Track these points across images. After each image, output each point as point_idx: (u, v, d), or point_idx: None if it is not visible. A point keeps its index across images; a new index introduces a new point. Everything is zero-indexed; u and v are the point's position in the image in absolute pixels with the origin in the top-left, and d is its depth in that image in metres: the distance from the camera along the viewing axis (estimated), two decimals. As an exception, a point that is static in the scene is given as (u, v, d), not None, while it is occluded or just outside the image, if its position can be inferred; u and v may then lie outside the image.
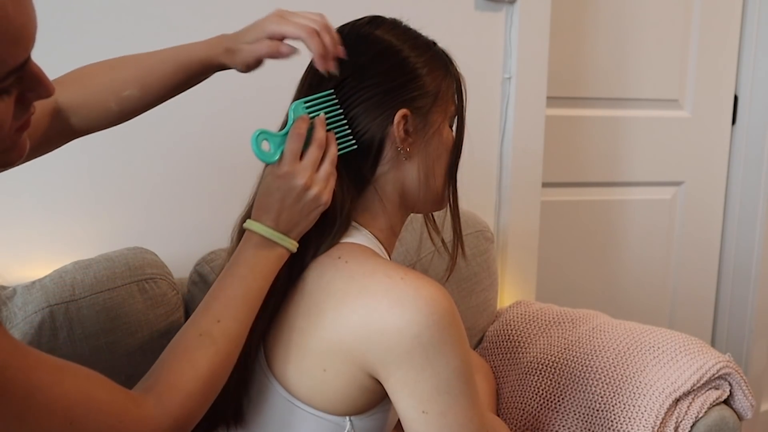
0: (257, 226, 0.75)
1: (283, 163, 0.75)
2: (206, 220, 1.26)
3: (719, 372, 1.14)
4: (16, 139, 0.60)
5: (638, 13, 1.76)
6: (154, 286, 1.07)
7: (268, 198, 0.75)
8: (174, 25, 1.22)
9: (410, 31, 0.84)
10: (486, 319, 1.43)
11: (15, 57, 0.53)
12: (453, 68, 0.86)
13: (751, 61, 1.88)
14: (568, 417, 1.18)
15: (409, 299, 0.69)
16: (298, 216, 0.75)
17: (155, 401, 0.66)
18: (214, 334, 0.71)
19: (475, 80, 1.51)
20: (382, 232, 0.84)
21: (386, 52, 0.80)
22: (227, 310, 0.72)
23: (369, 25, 0.83)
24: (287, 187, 0.74)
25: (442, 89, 0.83)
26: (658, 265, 1.93)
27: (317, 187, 0.75)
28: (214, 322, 0.71)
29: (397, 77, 0.80)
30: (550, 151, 1.67)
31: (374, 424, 0.78)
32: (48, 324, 0.98)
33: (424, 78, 0.81)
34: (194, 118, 1.25)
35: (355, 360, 0.72)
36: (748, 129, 1.91)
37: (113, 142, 1.21)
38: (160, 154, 1.25)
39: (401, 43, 0.81)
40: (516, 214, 1.59)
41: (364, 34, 0.82)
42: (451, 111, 0.85)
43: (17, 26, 0.52)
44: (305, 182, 0.74)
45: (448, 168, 0.85)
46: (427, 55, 0.82)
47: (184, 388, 0.67)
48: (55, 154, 1.17)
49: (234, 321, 0.72)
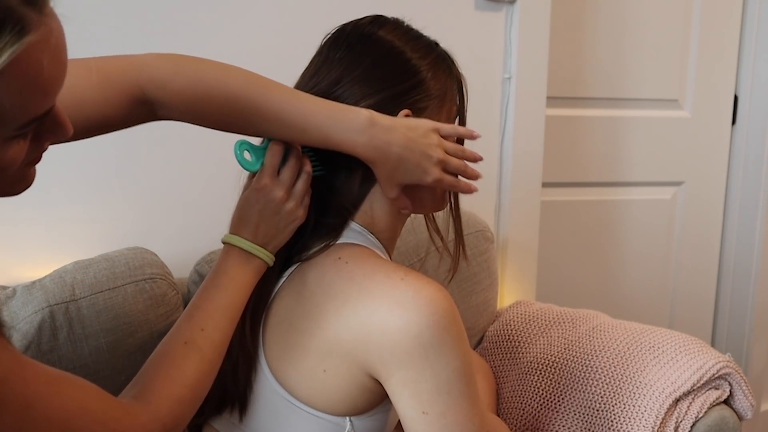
0: (236, 240, 0.78)
1: (262, 175, 0.78)
2: (206, 220, 1.26)
3: (719, 372, 1.14)
4: (26, 172, 0.60)
5: (638, 13, 1.76)
6: (154, 286, 1.07)
7: (247, 210, 0.78)
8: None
9: (412, 31, 0.84)
10: (486, 319, 1.43)
11: (41, 107, 0.52)
12: (455, 69, 0.86)
13: (751, 61, 1.87)
14: (568, 417, 1.18)
15: (410, 300, 0.69)
16: (274, 229, 0.78)
17: (145, 408, 0.67)
18: (198, 342, 0.72)
19: (475, 80, 1.51)
20: (382, 233, 0.84)
21: (389, 54, 0.80)
22: (210, 320, 0.74)
23: (371, 24, 0.83)
24: (266, 200, 0.77)
25: (444, 90, 0.83)
26: (658, 265, 1.93)
27: (293, 201, 0.78)
28: (198, 330, 0.73)
29: (400, 79, 0.80)
30: (550, 151, 1.67)
31: (374, 425, 0.78)
32: (48, 324, 0.98)
33: (427, 80, 0.81)
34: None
35: (356, 360, 0.72)
36: (748, 129, 1.91)
37: (113, 142, 1.21)
38: (160, 154, 1.25)
39: (404, 44, 0.81)
40: (516, 214, 1.59)
41: (367, 34, 0.81)
42: (453, 111, 0.85)
43: (49, 78, 0.51)
44: (282, 195, 0.77)
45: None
46: (429, 56, 0.82)
47: (172, 394, 0.69)
48: (55, 154, 1.18)
49: (216, 330, 0.74)
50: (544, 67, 1.56)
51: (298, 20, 1.28)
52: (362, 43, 0.81)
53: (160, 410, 0.68)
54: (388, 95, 0.79)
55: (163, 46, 0.86)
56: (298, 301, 0.77)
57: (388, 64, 0.80)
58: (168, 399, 0.69)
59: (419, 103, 0.80)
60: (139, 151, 1.23)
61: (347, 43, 0.81)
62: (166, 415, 0.68)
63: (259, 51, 1.28)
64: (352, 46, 0.80)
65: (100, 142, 1.15)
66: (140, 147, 1.23)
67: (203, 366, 0.72)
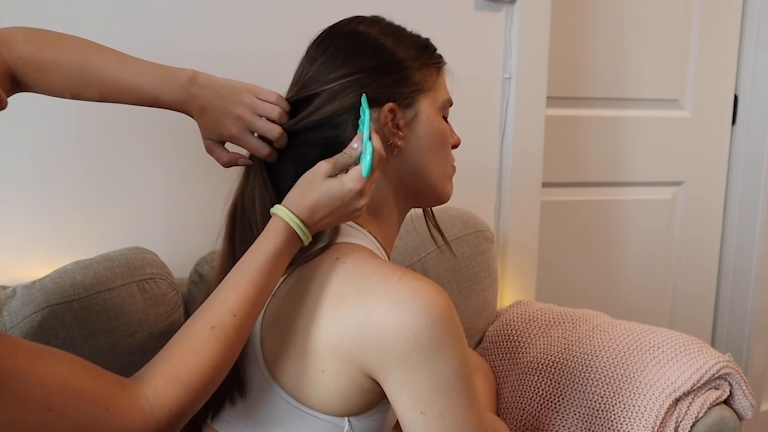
0: (298, 225, 0.74)
1: (357, 178, 0.74)
2: (206, 220, 1.26)
3: (719, 372, 1.14)
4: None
5: (638, 13, 1.76)
6: (154, 286, 1.07)
7: (329, 202, 0.74)
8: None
9: (392, 25, 0.85)
10: (486, 319, 1.43)
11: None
12: (437, 57, 0.86)
13: (751, 61, 1.88)
14: (568, 417, 1.18)
15: (408, 300, 0.69)
16: (335, 220, 0.76)
17: (151, 391, 0.64)
18: (227, 328, 0.69)
19: (475, 80, 1.52)
20: (380, 232, 0.84)
21: (368, 46, 0.81)
22: (245, 306, 0.70)
23: (350, 23, 0.84)
24: (349, 198, 0.74)
25: (427, 78, 0.83)
26: (658, 265, 1.93)
27: (365, 199, 0.75)
28: (230, 316, 0.69)
29: (382, 70, 0.80)
30: (550, 151, 1.67)
31: (373, 425, 0.78)
32: (48, 324, 0.98)
33: (409, 69, 0.81)
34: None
35: (354, 361, 0.72)
36: (748, 129, 1.91)
37: (113, 142, 1.21)
38: (160, 153, 1.25)
39: (384, 36, 0.82)
40: (516, 214, 1.59)
41: (345, 32, 0.83)
42: (441, 100, 0.85)
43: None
44: (362, 188, 0.74)
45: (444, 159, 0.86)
46: (411, 46, 0.83)
47: (184, 380, 0.66)
48: (55, 154, 1.18)
49: (249, 317, 0.71)
50: (544, 67, 1.56)
51: (299, 20, 1.28)
52: (342, 38, 0.82)
53: (168, 395, 0.65)
54: (368, 85, 0.79)
55: (162, 47, 0.86)
56: (296, 302, 0.77)
57: (367, 55, 0.80)
58: (179, 385, 0.65)
59: (402, 93, 0.81)
60: (139, 151, 1.24)
61: (329, 40, 0.82)
62: (174, 402, 0.65)
63: (259, 51, 1.28)
64: (333, 41, 0.82)
65: (100, 143, 1.16)
66: (140, 147, 1.23)
67: (226, 353, 0.69)
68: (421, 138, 0.83)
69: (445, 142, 0.86)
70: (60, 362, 0.61)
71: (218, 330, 0.69)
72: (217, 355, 0.68)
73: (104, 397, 0.62)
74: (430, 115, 0.83)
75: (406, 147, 0.82)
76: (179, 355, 0.67)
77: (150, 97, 0.83)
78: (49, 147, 1.17)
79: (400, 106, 0.80)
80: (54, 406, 0.58)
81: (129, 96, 0.83)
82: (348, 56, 0.80)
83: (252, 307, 0.71)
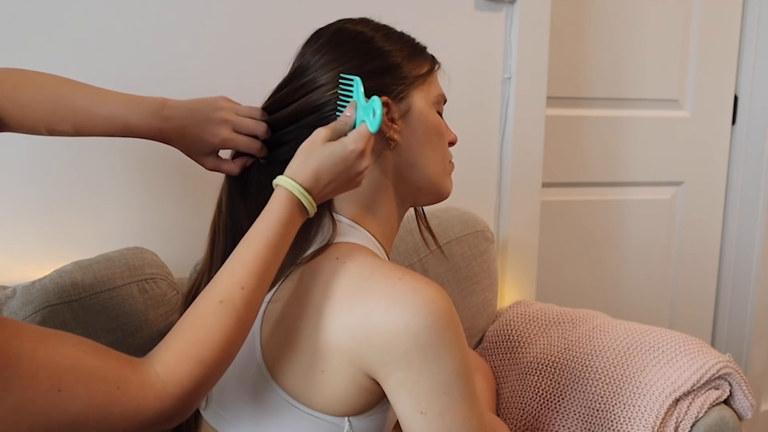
0: (301, 193, 0.73)
1: (358, 138, 0.74)
2: (206, 220, 1.26)
3: (719, 372, 1.14)
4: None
5: (638, 13, 1.76)
6: (154, 286, 1.08)
7: (332, 166, 0.73)
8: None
9: (382, 24, 0.86)
10: (486, 319, 1.43)
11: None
12: (428, 53, 0.87)
13: (751, 61, 1.88)
14: (568, 417, 1.18)
15: (407, 300, 0.69)
16: (339, 187, 0.76)
17: (162, 368, 0.64)
18: (236, 301, 0.68)
19: (475, 80, 1.52)
20: (379, 231, 0.84)
21: (357, 41, 0.82)
22: (252, 278, 0.69)
23: (339, 22, 0.85)
24: (352, 160, 0.74)
25: (419, 72, 0.83)
26: (658, 265, 1.93)
27: (367, 161, 0.76)
28: (238, 289, 0.69)
29: (372, 64, 0.80)
30: (550, 151, 1.67)
31: (373, 425, 0.78)
32: (48, 324, 0.98)
33: (399, 63, 0.82)
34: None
35: (354, 361, 0.72)
36: (748, 129, 1.91)
37: (113, 142, 1.21)
38: (160, 153, 1.25)
39: (374, 32, 0.83)
40: (516, 214, 1.59)
41: (334, 29, 0.84)
42: (434, 95, 0.85)
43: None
44: (363, 148, 0.75)
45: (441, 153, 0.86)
46: (400, 40, 0.84)
47: (195, 355, 0.65)
48: (55, 154, 1.18)
49: (258, 290, 0.70)
50: (544, 67, 1.56)
51: (297, 21, 1.28)
52: (331, 35, 0.83)
53: (181, 371, 0.64)
54: (356, 70, 0.79)
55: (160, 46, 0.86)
56: (296, 302, 0.77)
57: (357, 50, 0.81)
58: (191, 360, 0.64)
59: (394, 86, 0.81)
60: (138, 151, 1.23)
61: (317, 38, 0.83)
62: (186, 377, 0.64)
63: (258, 52, 1.28)
64: (321, 38, 0.83)
65: (100, 143, 1.16)
66: (140, 147, 1.23)
67: (237, 327, 0.68)
68: (416, 131, 0.83)
69: (440, 136, 0.86)
70: (66, 343, 0.61)
71: (227, 303, 0.68)
72: (227, 329, 0.67)
73: (115, 376, 0.61)
74: (423, 109, 0.83)
75: (402, 141, 0.82)
76: (189, 330, 0.67)
77: (120, 124, 0.84)
78: (49, 147, 1.17)
79: (393, 100, 0.81)
80: (63, 387, 0.58)
81: (101, 125, 0.84)
82: (337, 50, 0.81)
83: (260, 279, 0.70)
